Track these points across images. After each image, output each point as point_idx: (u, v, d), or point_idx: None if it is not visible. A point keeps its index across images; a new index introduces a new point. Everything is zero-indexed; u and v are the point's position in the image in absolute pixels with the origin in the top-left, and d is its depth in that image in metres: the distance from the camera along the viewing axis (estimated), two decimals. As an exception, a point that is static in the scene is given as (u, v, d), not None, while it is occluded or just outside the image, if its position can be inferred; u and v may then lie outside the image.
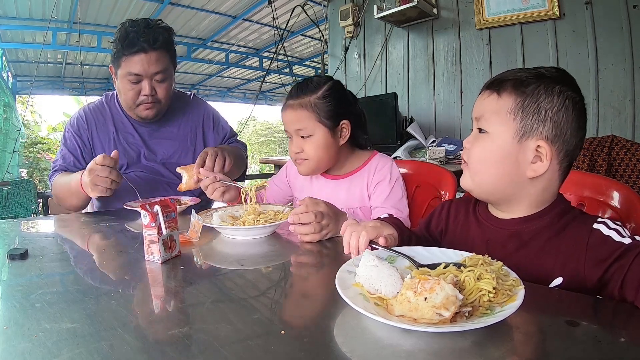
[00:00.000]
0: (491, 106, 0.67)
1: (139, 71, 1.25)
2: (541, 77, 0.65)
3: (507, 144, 0.65)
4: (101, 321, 0.50)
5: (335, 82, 1.10)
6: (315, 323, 0.51)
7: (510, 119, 0.65)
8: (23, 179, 4.53)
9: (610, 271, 0.57)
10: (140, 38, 1.22)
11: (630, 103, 2.00)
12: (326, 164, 1.11)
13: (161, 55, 1.28)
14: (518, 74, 0.67)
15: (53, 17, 3.98)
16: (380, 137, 2.64)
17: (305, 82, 1.10)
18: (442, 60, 2.73)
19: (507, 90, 0.65)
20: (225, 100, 9.49)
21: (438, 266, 0.55)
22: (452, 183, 1.11)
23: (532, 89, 0.64)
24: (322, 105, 1.05)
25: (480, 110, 0.69)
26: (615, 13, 2.00)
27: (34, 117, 8.30)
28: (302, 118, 1.05)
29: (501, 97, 0.66)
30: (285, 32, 4.06)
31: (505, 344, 0.44)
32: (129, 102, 1.33)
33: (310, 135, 1.06)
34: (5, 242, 0.94)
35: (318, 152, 1.07)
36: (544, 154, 0.63)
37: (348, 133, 1.08)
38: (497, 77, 0.69)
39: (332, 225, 0.87)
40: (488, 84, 0.70)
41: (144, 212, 0.72)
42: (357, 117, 1.12)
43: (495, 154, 0.66)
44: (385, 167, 1.10)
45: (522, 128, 0.64)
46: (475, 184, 0.70)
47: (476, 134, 0.69)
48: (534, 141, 0.64)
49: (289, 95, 1.09)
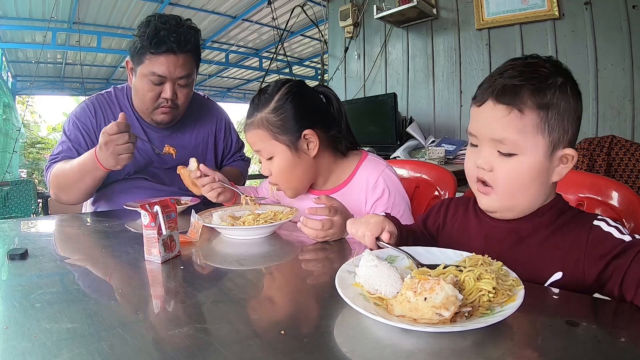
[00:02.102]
0: (514, 126, 0.61)
1: (164, 73, 1.17)
2: (548, 77, 0.62)
3: (539, 162, 0.62)
4: (101, 321, 0.50)
5: (290, 86, 0.96)
6: (315, 323, 0.51)
7: (538, 136, 0.61)
8: (23, 179, 4.53)
9: (610, 268, 0.57)
10: (170, 37, 1.15)
11: (629, 103, 2.00)
12: (301, 183, 1.00)
13: (188, 59, 1.21)
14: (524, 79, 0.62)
15: (53, 17, 3.98)
16: (380, 137, 2.65)
17: (257, 95, 0.98)
18: (441, 60, 2.73)
19: (527, 104, 0.61)
20: (225, 101, 9.48)
21: (438, 266, 0.55)
22: (452, 183, 1.11)
23: (550, 96, 0.61)
24: (275, 120, 0.93)
25: (501, 133, 0.62)
26: (614, 13, 2.00)
27: (34, 117, 8.31)
28: (258, 139, 0.95)
29: (524, 114, 0.61)
30: (285, 32, 4.06)
31: (505, 344, 0.44)
32: (146, 104, 1.25)
33: (272, 156, 0.95)
34: (5, 242, 0.94)
35: (283, 175, 0.96)
36: (569, 159, 0.63)
37: (316, 144, 0.95)
38: (502, 85, 0.63)
39: (338, 233, 0.86)
40: (495, 91, 0.63)
41: (144, 212, 0.72)
42: (330, 120, 1.00)
43: (528, 175, 0.63)
44: (379, 180, 0.97)
45: (551, 143, 0.62)
46: (507, 206, 0.66)
47: (497, 155, 0.63)
48: (561, 151, 0.63)
49: (247, 114, 0.99)
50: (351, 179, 1.01)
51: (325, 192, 1.02)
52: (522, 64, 0.64)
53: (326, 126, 0.98)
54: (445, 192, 1.12)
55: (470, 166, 0.69)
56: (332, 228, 0.83)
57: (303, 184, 1.01)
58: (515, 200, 0.65)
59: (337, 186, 1.03)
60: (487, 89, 0.65)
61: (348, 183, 1.02)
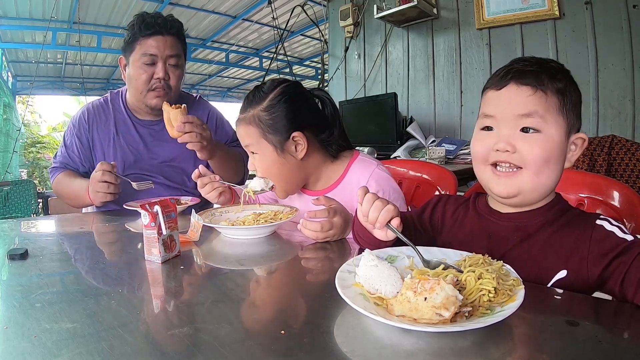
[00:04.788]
0: (541, 103, 0.63)
1: (155, 52, 1.28)
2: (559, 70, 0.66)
3: (561, 141, 0.64)
4: (101, 321, 0.50)
5: (287, 86, 0.97)
6: (315, 323, 0.51)
7: (559, 117, 0.64)
8: (23, 179, 4.53)
9: (612, 266, 0.57)
10: (157, 21, 1.28)
11: (630, 103, 2.00)
12: (288, 183, 0.99)
13: (176, 41, 1.32)
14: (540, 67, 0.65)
15: (53, 17, 3.98)
16: (380, 137, 2.65)
17: (253, 92, 0.98)
18: (442, 60, 2.73)
19: (549, 87, 0.64)
20: (225, 101, 9.48)
21: (441, 263, 0.56)
22: (453, 183, 1.11)
23: (565, 85, 0.65)
24: (267, 118, 0.93)
25: (529, 107, 0.63)
26: (615, 13, 2.00)
27: (34, 117, 8.31)
28: (247, 134, 0.96)
29: (547, 95, 0.63)
30: (285, 32, 4.06)
31: (505, 344, 0.44)
32: (140, 87, 1.32)
33: (257, 153, 0.96)
34: (5, 242, 0.94)
35: (268, 171, 0.96)
36: (579, 144, 0.66)
37: (304, 146, 0.94)
38: (520, 69, 0.65)
39: (338, 233, 0.86)
40: (516, 74, 0.65)
41: (144, 212, 0.72)
42: (322, 123, 1.00)
43: (554, 152, 0.64)
44: (370, 180, 0.96)
45: (568, 126, 0.65)
46: (532, 186, 0.65)
47: (522, 134, 0.64)
48: (575, 135, 0.66)
49: (240, 108, 0.99)
50: (342, 180, 1.01)
51: (317, 193, 1.02)
52: (532, 59, 0.67)
53: (317, 130, 0.98)
54: (445, 192, 1.12)
55: (482, 150, 0.68)
56: (332, 229, 0.83)
57: (291, 185, 1.00)
58: (543, 177, 0.64)
59: (328, 187, 1.02)
60: (505, 75, 0.66)
61: (339, 184, 1.01)
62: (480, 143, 0.68)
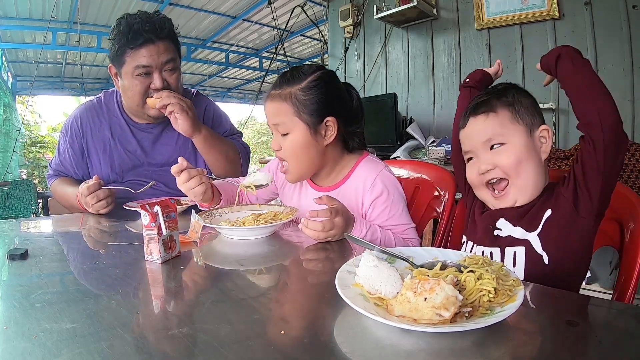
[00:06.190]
0: (495, 123, 0.78)
1: (148, 62, 1.18)
2: (505, 89, 0.82)
3: (525, 141, 0.77)
4: (101, 321, 0.50)
5: (325, 72, 0.98)
6: (315, 323, 0.51)
7: (515, 124, 0.78)
8: (23, 179, 4.53)
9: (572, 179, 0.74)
10: (145, 27, 1.16)
11: (629, 103, 2.00)
12: (308, 167, 0.99)
13: (168, 45, 1.22)
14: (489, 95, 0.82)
15: (53, 17, 3.98)
16: (380, 137, 2.64)
17: (290, 71, 0.98)
18: (441, 60, 2.73)
19: (497, 106, 0.79)
20: (225, 101, 9.49)
21: (435, 263, 0.56)
22: (452, 183, 1.10)
23: (511, 97, 0.79)
24: (303, 98, 0.93)
25: (488, 132, 0.79)
26: (614, 13, 2.00)
27: (34, 117, 8.31)
28: (281, 112, 0.94)
29: (498, 113, 0.78)
30: (285, 32, 4.06)
31: (505, 344, 0.44)
32: (138, 100, 1.23)
33: (288, 132, 0.95)
34: (5, 242, 0.94)
35: (295, 152, 0.96)
36: (546, 136, 0.78)
37: (334, 132, 0.96)
38: (475, 103, 0.82)
39: (339, 234, 0.85)
40: (471, 110, 0.82)
41: (144, 213, 0.72)
42: (350, 115, 1.01)
43: (523, 154, 0.76)
44: (377, 180, 0.97)
45: (527, 127, 0.78)
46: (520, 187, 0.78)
47: (493, 151, 0.79)
48: (537, 130, 0.78)
49: (273, 85, 0.99)
50: (349, 177, 1.02)
51: (323, 189, 1.03)
52: (485, 91, 0.87)
53: (345, 120, 0.99)
54: (445, 192, 1.12)
55: (473, 177, 0.82)
56: (333, 229, 0.83)
57: (310, 168, 1.00)
58: (523, 177, 0.77)
59: (335, 184, 1.03)
60: (464, 115, 0.84)
61: (346, 181, 1.02)
62: (470, 171, 0.84)
